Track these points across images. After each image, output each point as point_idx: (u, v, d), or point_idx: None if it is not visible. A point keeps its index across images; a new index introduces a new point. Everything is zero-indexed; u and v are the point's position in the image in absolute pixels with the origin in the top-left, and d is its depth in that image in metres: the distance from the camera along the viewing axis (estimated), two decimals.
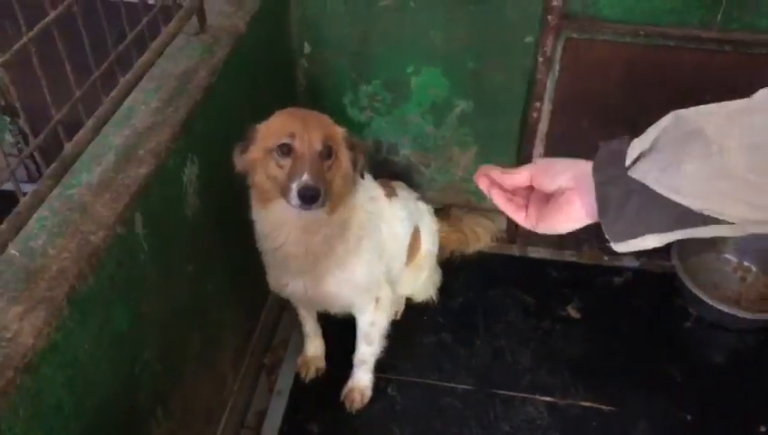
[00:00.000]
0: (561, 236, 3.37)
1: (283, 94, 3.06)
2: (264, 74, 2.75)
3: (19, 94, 1.54)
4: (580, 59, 2.83)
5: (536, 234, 1.33)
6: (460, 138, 3.22)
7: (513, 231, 3.42)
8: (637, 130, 2.86)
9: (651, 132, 1.10)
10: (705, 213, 0.99)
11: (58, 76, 1.64)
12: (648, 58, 2.79)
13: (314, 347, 2.90)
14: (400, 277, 2.79)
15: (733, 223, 0.99)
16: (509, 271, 3.31)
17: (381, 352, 2.73)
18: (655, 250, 3.18)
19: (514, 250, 3.42)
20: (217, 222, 2.31)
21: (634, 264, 3.34)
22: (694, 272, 3.09)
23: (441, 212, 3.18)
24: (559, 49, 2.81)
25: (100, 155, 1.84)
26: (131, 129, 1.94)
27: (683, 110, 1.06)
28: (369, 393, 2.80)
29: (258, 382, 2.89)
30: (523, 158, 3.14)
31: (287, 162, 1.98)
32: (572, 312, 3.11)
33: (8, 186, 1.46)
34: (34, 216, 1.61)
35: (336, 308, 2.60)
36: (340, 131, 2.10)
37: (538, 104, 2.95)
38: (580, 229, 3.23)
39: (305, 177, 1.90)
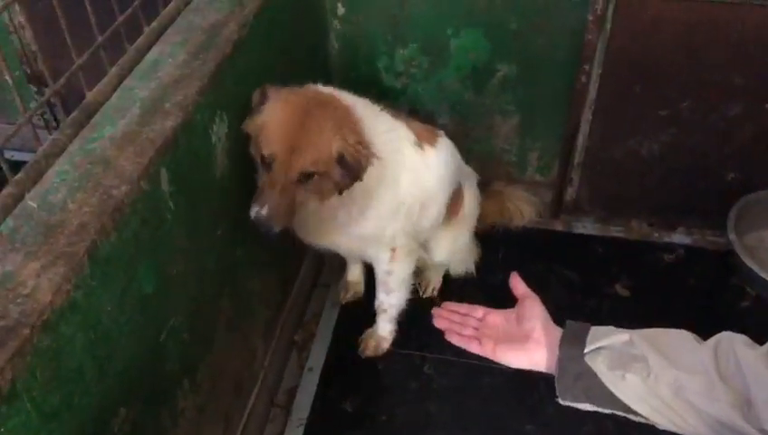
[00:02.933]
0: (608, 211, 3.26)
1: (316, 58, 2.92)
2: (296, 35, 2.61)
3: (46, 63, 1.44)
4: (633, 17, 2.65)
5: (582, 208, 1.34)
6: (502, 105, 3.05)
7: (557, 205, 3.25)
8: (692, 97, 2.67)
9: (613, 338, 1.44)
10: (639, 414, 1.34)
11: (85, 40, 1.54)
12: (706, 16, 2.59)
13: (354, 272, 2.94)
14: (435, 237, 2.67)
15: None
16: (552, 246, 3.15)
17: (407, 302, 2.68)
18: (709, 226, 3.05)
19: (557, 225, 3.26)
20: (248, 185, 2.18)
21: (686, 240, 3.16)
22: (751, 249, 2.90)
23: (481, 185, 3.01)
24: (611, 6, 2.62)
25: (125, 108, 1.72)
26: (157, 81, 1.82)
27: (639, 336, 1.44)
28: (385, 345, 2.74)
29: (289, 359, 2.78)
30: (570, 127, 2.96)
31: (264, 175, 1.94)
32: (620, 289, 2.94)
33: None
34: (54, 169, 1.52)
35: (351, 255, 2.65)
36: (334, 150, 1.92)
37: (587, 67, 2.77)
38: (628, 202, 3.05)
39: (264, 210, 1.87)
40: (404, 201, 2.34)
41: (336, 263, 3.06)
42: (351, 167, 1.97)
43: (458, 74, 3.00)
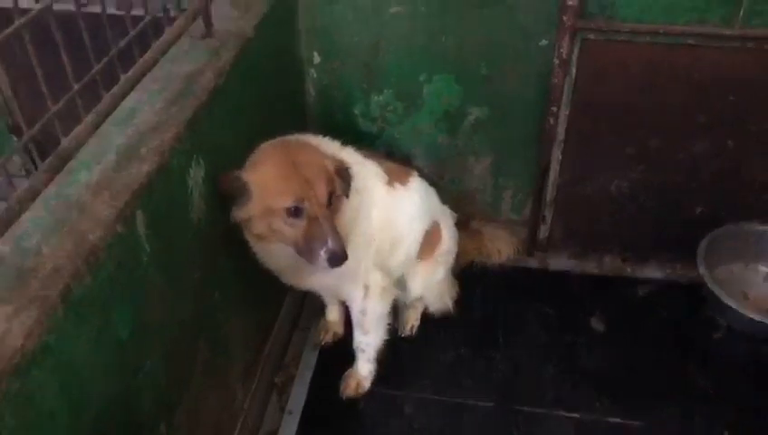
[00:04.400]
0: (581, 247, 3.32)
1: (293, 106, 3.00)
2: (273, 82, 2.68)
3: (26, 113, 1.48)
4: (597, 61, 2.75)
5: (555, 245, 1.29)
6: (474, 146, 3.13)
7: (532, 243, 3.31)
8: (659, 135, 2.78)
9: None
10: None
11: (62, 89, 1.58)
12: (667, 58, 2.70)
13: (332, 313, 2.96)
14: (411, 273, 2.73)
15: None
16: (528, 283, 3.20)
17: (385, 341, 2.70)
18: (680, 259, 3.11)
19: (533, 262, 3.31)
20: (226, 229, 2.21)
21: (658, 274, 3.22)
22: (721, 282, 2.95)
23: (460, 223, 3.06)
24: (575, 51, 2.73)
25: (101, 154, 1.77)
26: (134, 128, 1.87)
27: None
28: (366, 385, 2.75)
29: (269, 402, 2.77)
30: (541, 166, 3.04)
31: (299, 223, 1.99)
32: (596, 324, 2.99)
33: None
34: (29, 216, 1.55)
35: (327, 294, 2.72)
36: (332, 166, 2.08)
37: (555, 109, 2.86)
38: (601, 238, 3.12)
39: (331, 244, 1.95)
40: (374, 236, 2.41)
41: (315, 305, 3.08)
42: (346, 175, 2.13)
43: (432, 118, 3.08)
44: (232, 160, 2.09)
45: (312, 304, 3.09)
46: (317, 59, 2.98)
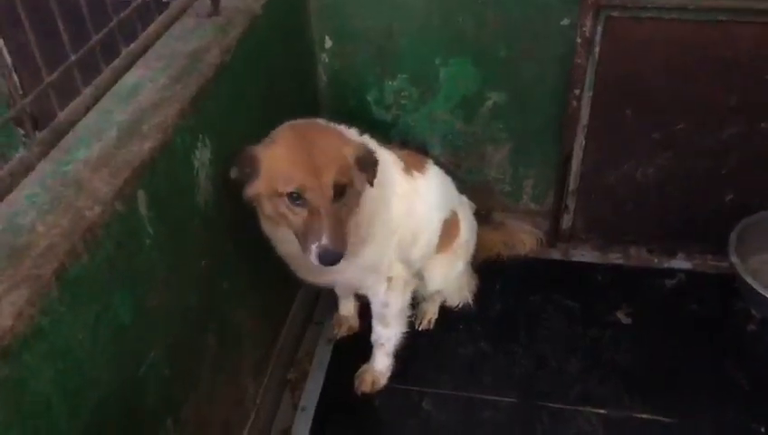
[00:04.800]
0: (605, 238, 3.19)
1: (304, 92, 2.89)
2: (283, 66, 2.58)
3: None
4: (621, 40, 2.62)
5: (578, 236, 1.15)
6: (493, 133, 3.01)
7: (554, 234, 3.18)
8: (686, 119, 2.64)
9: None
10: None
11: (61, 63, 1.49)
12: (696, 36, 2.56)
13: (347, 307, 2.87)
14: (430, 265, 2.61)
15: None
16: (550, 275, 3.07)
17: (403, 335, 2.59)
18: (709, 250, 2.98)
19: (555, 254, 3.19)
20: (235, 215, 2.11)
21: (686, 265, 3.08)
22: (755, 272, 2.81)
23: (479, 215, 2.94)
24: (599, 30, 2.60)
25: (101, 131, 1.67)
26: (136, 105, 1.77)
27: None
28: (382, 381, 2.64)
29: (282, 398, 2.66)
30: (563, 153, 2.92)
31: (301, 211, 1.87)
32: (622, 317, 2.85)
33: None
34: (24, 193, 1.45)
35: (347, 289, 2.61)
36: (350, 156, 1.93)
37: (577, 92, 2.74)
38: (626, 229, 2.99)
39: (324, 240, 1.81)
40: (396, 228, 2.30)
41: (329, 299, 2.97)
42: (369, 164, 1.98)
43: (448, 104, 2.96)
44: (240, 143, 1.97)
45: (326, 298, 2.98)
46: (328, 43, 2.88)
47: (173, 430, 1.84)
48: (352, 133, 2.18)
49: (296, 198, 1.85)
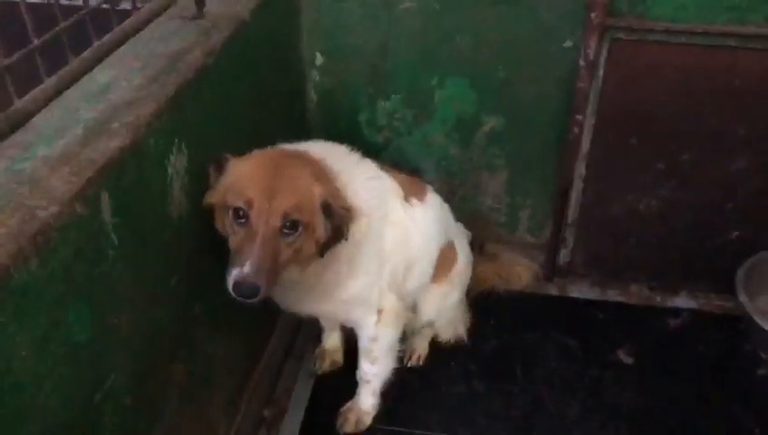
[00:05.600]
0: (605, 274, 3.04)
1: (292, 110, 2.74)
2: (271, 81, 2.43)
3: None
4: (626, 64, 2.51)
5: (576, 271, 1.02)
6: (489, 160, 2.87)
7: (551, 268, 3.02)
8: (693, 149, 2.50)
9: None
10: None
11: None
12: (704, 62, 2.45)
13: (331, 340, 2.67)
14: (423, 295, 2.45)
15: None
16: (547, 312, 2.90)
17: (390, 374, 2.41)
18: (714, 289, 2.82)
19: (552, 289, 3.02)
20: (211, 232, 1.93)
21: (691, 304, 2.92)
22: (764, 313, 2.66)
23: (473, 246, 2.77)
24: (603, 52, 2.49)
25: (65, 129, 1.51)
26: (107, 102, 1.62)
27: None
28: (367, 420, 2.44)
29: None
30: (562, 182, 2.77)
31: (240, 231, 1.70)
32: (624, 357, 2.68)
33: None
34: None
35: (333, 321, 2.45)
36: (317, 196, 1.75)
37: (579, 117, 2.61)
38: (627, 264, 2.83)
39: (247, 268, 1.62)
40: (389, 258, 2.14)
41: (312, 331, 2.78)
42: (338, 217, 1.78)
43: (443, 128, 2.83)
44: (221, 153, 1.82)
45: (308, 329, 2.80)
46: (320, 60, 2.74)
47: None
48: (352, 158, 2.05)
49: (241, 215, 1.68)
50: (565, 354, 2.69)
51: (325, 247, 1.81)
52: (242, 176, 1.72)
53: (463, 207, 2.94)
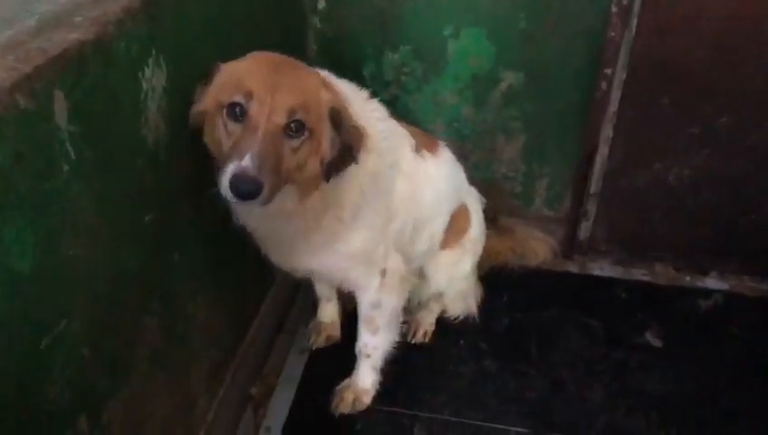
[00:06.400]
0: (628, 251, 2.78)
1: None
2: (267, 24, 2.17)
3: None
4: (664, 11, 2.27)
5: (598, 248, 0.82)
6: (506, 122, 2.62)
7: (571, 244, 2.77)
8: (731, 111, 2.22)
9: None
10: None
11: None
12: (752, 9, 2.21)
13: (327, 312, 2.43)
14: (434, 261, 2.21)
15: None
16: (566, 290, 2.66)
17: (393, 347, 2.15)
18: (747, 271, 2.56)
19: (571, 266, 2.77)
20: (194, 169, 1.68)
21: (722, 286, 2.67)
22: None
23: (485, 217, 2.51)
24: None
25: (14, 21, 1.24)
26: None
27: None
28: (366, 400, 2.19)
29: (242, 416, 2.18)
30: (587, 147, 2.52)
31: (236, 129, 1.44)
32: (652, 339, 2.43)
33: None
34: None
35: (330, 282, 2.18)
36: (325, 100, 1.53)
37: (608, 71, 2.36)
38: (652, 241, 2.56)
39: (246, 159, 1.36)
40: (397, 213, 1.88)
41: (307, 304, 2.53)
42: (347, 132, 1.55)
43: (456, 84, 2.58)
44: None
45: (303, 302, 2.54)
46: (321, 3, 2.50)
47: (87, 434, 1.36)
48: (361, 94, 1.82)
49: (238, 112, 1.44)
50: (586, 335, 2.44)
51: (331, 168, 1.56)
52: (238, 72, 1.49)
53: (475, 175, 2.67)
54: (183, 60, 1.58)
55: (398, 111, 2.62)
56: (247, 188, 1.36)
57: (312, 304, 2.45)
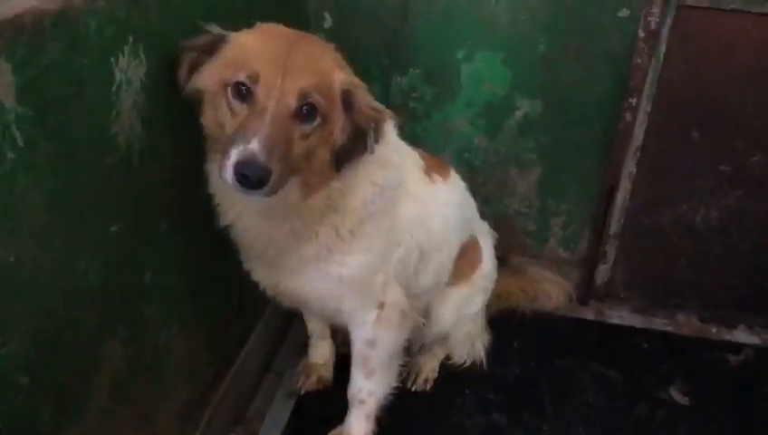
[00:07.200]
0: (649, 299, 2.55)
1: None
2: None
3: None
4: (695, 37, 2.12)
5: (616, 293, 0.69)
6: (520, 153, 2.45)
7: (587, 289, 2.56)
8: (765, 147, 2.02)
9: None
10: None
11: None
12: None
13: (319, 352, 2.21)
14: (440, 297, 2.01)
15: None
16: (582, 338, 2.44)
17: (390, 394, 1.93)
18: None
19: (587, 313, 2.56)
20: (173, 176, 1.49)
21: (753, 340, 2.46)
22: None
23: (497, 257, 2.31)
24: (668, 21, 2.10)
25: None
26: None
27: None
28: None
29: None
30: (607, 182, 2.34)
31: (242, 110, 1.30)
32: (677, 396, 2.20)
33: None
34: None
35: (320, 313, 1.94)
36: (339, 82, 1.39)
37: (633, 101, 2.19)
38: (676, 289, 2.33)
39: (253, 144, 1.23)
40: (401, 238, 1.69)
41: (296, 344, 2.31)
42: (361, 115, 1.41)
43: (468, 111, 2.42)
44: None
45: (294, 339, 2.32)
46: (328, 21, 2.36)
47: None
48: None
49: (244, 92, 1.30)
50: (605, 388, 2.21)
51: (342, 156, 1.41)
52: (248, 48, 1.35)
53: (485, 210, 2.46)
54: (167, 53, 1.41)
55: (406, 138, 2.45)
56: (256, 175, 1.21)
57: (304, 343, 2.23)
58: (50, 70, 1.07)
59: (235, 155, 1.22)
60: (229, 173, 1.23)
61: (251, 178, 1.21)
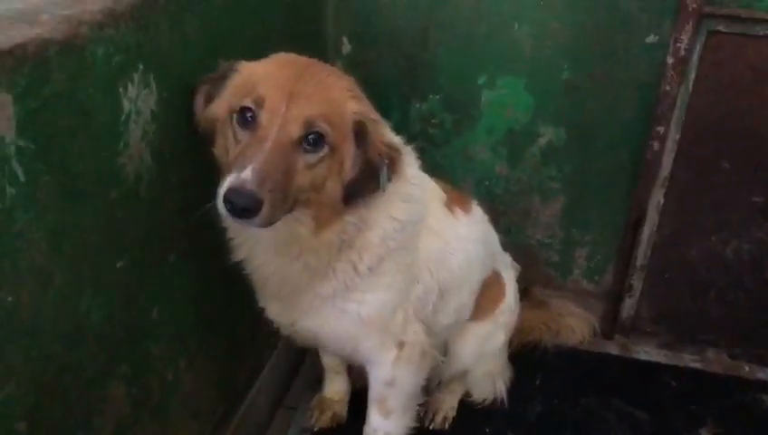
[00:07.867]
0: (677, 334, 2.45)
1: None
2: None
3: None
4: (726, 64, 2.05)
5: (642, 328, 0.64)
6: (543, 182, 2.38)
7: (612, 323, 2.47)
8: None
9: None
10: None
11: None
12: None
13: (334, 387, 2.14)
14: (460, 333, 1.94)
15: None
16: (607, 374, 2.35)
17: (408, 434, 1.85)
18: None
19: (612, 348, 2.46)
20: (183, 209, 1.44)
21: None
22: None
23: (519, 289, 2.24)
24: (697, 48, 2.03)
25: None
26: None
27: None
28: None
29: None
30: (634, 213, 2.26)
31: (245, 137, 1.30)
32: None
33: None
34: None
35: (337, 352, 1.88)
36: (352, 112, 1.34)
37: (661, 129, 2.12)
38: (705, 324, 2.23)
39: (247, 172, 1.20)
40: (420, 275, 1.63)
41: (310, 378, 2.24)
42: (374, 149, 1.35)
43: (489, 139, 2.36)
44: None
45: (307, 374, 2.24)
46: (347, 47, 2.31)
47: None
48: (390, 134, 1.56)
49: (249, 118, 1.27)
50: (632, 428, 2.12)
51: (352, 191, 1.36)
52: (254, 74, 1.33)
53: (507, 240, 2.39)
54: (179, 82, 1.36)
55: (425, 165, 2.38)
56: (243, 203, 1.17)
57: (318, 377, 2.16)
58: (54, 100, 1.03)
59: (227, 183, 1.19)
60: (219, 201, 1.20)
61: (238, 206, 1.17)
